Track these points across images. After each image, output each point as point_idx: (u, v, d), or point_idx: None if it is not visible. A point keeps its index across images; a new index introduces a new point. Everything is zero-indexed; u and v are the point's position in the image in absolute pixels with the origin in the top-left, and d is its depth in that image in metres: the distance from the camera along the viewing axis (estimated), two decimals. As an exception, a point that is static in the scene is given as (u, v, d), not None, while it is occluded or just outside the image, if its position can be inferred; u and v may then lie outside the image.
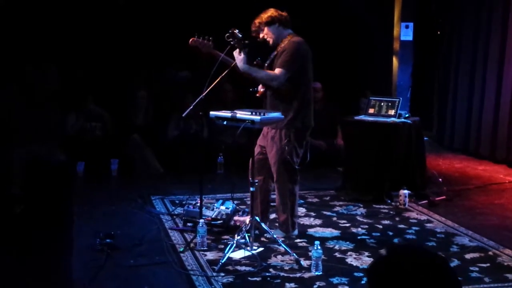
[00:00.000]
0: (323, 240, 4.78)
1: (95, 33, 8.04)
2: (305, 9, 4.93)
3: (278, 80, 4.66)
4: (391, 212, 5.69)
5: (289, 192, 4.83)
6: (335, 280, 4.04)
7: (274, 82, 4.69)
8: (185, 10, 8.35)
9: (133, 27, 8.20)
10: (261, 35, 4.83)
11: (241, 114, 4.41)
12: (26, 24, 7.71)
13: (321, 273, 4.13)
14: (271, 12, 4.80)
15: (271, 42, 4.81)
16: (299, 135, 4.76)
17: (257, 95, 4.89)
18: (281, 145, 4.71)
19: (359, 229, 5.21)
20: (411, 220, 5.46)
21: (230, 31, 4.57)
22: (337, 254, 4.55)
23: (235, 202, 5.34)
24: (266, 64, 4.83)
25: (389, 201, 5.96)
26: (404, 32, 8.93)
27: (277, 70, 4.66)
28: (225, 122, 4.51)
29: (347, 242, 4.82)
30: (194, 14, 8.16)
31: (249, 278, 4.07)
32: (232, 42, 4.61)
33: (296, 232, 4.92)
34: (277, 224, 4.99)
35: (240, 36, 4.59)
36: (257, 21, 4.81)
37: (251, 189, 4.56)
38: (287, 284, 3.98)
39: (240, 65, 4.66)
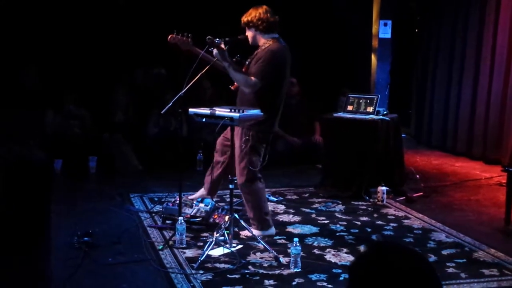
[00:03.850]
0: (302, 237, 4.81)
1: (74, 30, 7.97)
2: (283, 6, 4.94)
3: (252, 88, 4.65)
4: (369, 209, 5.73)
5: (248, 189, 4.79)
6: (313, 277, 4.07)
7: (247, 89, 4.68)
8: (164, 6, 8.31)
9: (112, 25, 8.15)
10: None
11: (220, 111, 4.40)
12: (5, 23, 7.62)
13: (300, 269, 4.15)
14: (253, 14, 4.72)
15: (250, 42, 4.82)
16: (259, 137, 4.71)
17: (232, 88, 4.91)
18: (240, 143, 4.72)
19: (338, 225, 5.24)
20: (389, 217, 5.51)
21: (209, 40, 4.54)
22: (316, 251, 4.58)
23: (214, 199, 5.34)
24: (247, 63, 4.81)
25: (367, 197, 6.00)
26: (383, 30, 8.99)
27: (253, 78, 4.64)
28: (204, 119, 4.49)
29: (326, 239, 4.85)
30: (174, 11, 8.13)
31: (228, 276, 4.07)
32: (210, 49, 4.62)
33: (271, 231, 4.86)
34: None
35: (218, 42, 4.57)
36: (242, 18, 4.80)
37: (230, 186, 4.56)
38: (266, 281, 3.99)
39: (220, 58, 4.65)
